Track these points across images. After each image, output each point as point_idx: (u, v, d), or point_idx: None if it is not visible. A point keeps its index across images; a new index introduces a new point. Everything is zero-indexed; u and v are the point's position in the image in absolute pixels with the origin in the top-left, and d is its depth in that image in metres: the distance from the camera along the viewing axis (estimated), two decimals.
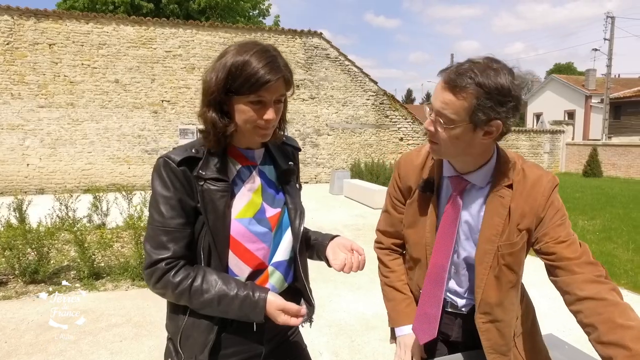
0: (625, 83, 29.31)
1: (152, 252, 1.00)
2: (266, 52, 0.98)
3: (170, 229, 1.00)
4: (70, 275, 4.20)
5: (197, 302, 1.00)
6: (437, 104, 1.02)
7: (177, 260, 1.01)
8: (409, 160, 1.28)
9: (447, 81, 1.00)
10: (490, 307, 1.14)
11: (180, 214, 1.01)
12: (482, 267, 1.12)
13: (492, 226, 1.10)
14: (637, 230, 6.36)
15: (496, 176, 1.12)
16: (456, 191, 1.16)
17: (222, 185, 1.02)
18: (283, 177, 1.17)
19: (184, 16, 17.21)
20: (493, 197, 1.11)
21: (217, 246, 1.02)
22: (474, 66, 0.98)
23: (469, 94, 0.97)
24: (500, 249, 1.10)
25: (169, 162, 1.00)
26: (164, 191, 1.00)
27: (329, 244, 1.20)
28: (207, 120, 1.01)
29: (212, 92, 0.98)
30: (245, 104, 0.99)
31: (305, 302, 1.22)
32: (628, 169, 15.22)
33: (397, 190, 1.30)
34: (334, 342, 3.02)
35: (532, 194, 1.08)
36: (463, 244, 1.18)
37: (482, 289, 1.14)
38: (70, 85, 10.84)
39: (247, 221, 1.05)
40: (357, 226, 6.95)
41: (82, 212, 6.05)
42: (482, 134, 1.02)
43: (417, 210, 1.22)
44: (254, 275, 1.08)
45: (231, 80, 0.96)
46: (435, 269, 1.19)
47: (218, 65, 0.99)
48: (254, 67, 0.95)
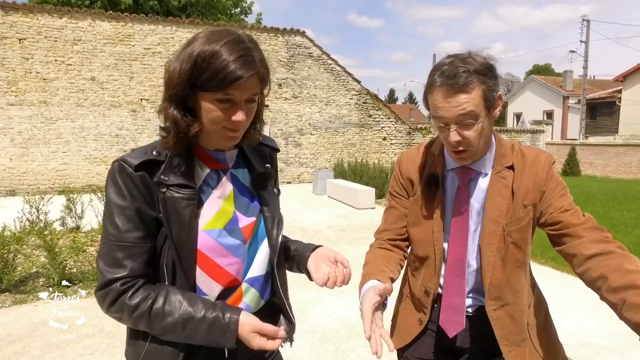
0: (600, 84, 30.08)
1: (105, 270, 0.87)
2: (240, 43, 0.85)
3: (126, 244, 0.87)
4: (38, 282, 3.97)
5: (158, 327, 0.87)
6: (455, 111, 1.01)
7: (135, 279, 0.88)
8: (410, 157, 1.28)
9: (450, 86, 1.00)
10: (500, 290, 1.13)
11: (139, 226, 0.88)
12: (488, 249, 1.12)
13: (495, 207, 1.12)
14: (617, 229, 6.44)
15: (497, 160, 1.15)
16: (463, 182, 1.16)
17: (188, 192, 0.89)
18: (259, 181, 1.04)
19: (163, 13, 16.82)
20: (495, 179, 1.13)
21: (182, 262, 0.90)
22: (453, 64, 1.01)
23: (475, 84, 1.00)
24: (506, 227, 1.11)
25: (124, 167, 0.87)
26: (120, 200, 0.87)
27: (311, 255, 1.09)
28: (168, 118, 0.87)
29: (174, 85, 0.85)
30: (211, 102, 0.86)
31: (284, 320, 1.10)
32: (604, 167, 15.59)
33: (400, 185, 1.28)
34: (318, 349, 2.90)
35: (533, 170, 1.12)
36: (473, 234, 1.17)
37: (490, 272, 1.13)
38: (43, 83, 10.42)
39: (216, 233, 0.93)
40: (341, 227, 6.85)
41: (55, 215, 5.79)
42: (493, 112, 1.07)
43: (423, 206, 1.21)
44: (226, 294, 0.96)
45: (196, 73, 0.83)
46: (455, 261, 1.17)
47: (184, 54, 0.86)
48: (223, 59, 0.82)
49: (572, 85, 28.19)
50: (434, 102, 1.04)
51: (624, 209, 8.04)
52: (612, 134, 22.67)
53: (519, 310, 1.15)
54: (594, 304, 3.72)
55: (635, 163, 14.75)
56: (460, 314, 1.17)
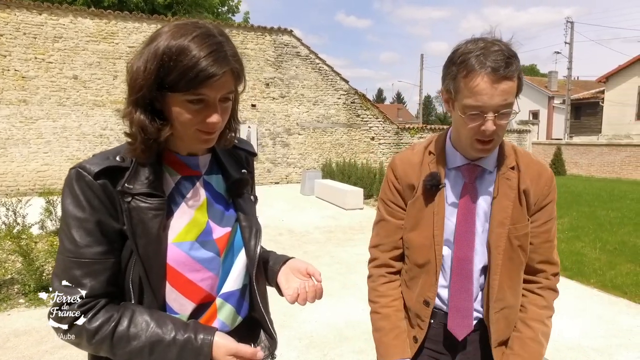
0: (583, 85, 30.61)
1: (59, 292, 0.78)
2: (209, 37, 0.76)
3: (85, 261, 0.78)
4: (13, 290, 3.81)
5: (121, 353, 0.78)
6: (498, 99, 0.95)
7: (96, 299, 0.78)
8: (405, 159, 1.20)
9: (498, 73, 0.94)
10: (504, 292, 1.11)
11: (99, 240, 0.78)
12: (496, 251, 1.10)
13: (503, 209, 1.09)
14: (603, 229, 6.50)
15: (500, 159, 1.12)
16: (470, 179, 1.12)
17: (156, 201, 0.80)
18: (234, 188, 0.95)
19: (149, 10, 16.52)
20: (501, 180, 1.10)
21: (150, 278, 0.81)
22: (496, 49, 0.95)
23: (516, 72, 0.97)
24: (512, 230, 1.09)
25: (83, 175, 0.77)
26: (77, 212, 0.78)
27: (281, 269, 1.01)
28: (134, 123, 0.78)
29: (139, 86, 0.76)
30: (181, 104, 0.77)
31: (265, 335, 1.02)
32: (589, 167, 15.84)
33: (395, 193, 1.19)
34: (305, 356, 2.82)
35: (540, 182, 1.11)
36: (479, 235, 1.13)
37: (498, 274, 1.10)
38: (22, 81, 10.12)
39: (188, 245, 0.84)
40: (329, 228, 6.78)
41: (34, 218, 5.59)
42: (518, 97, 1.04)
43: (423, 208, 1.14)
44: (198, 312, 0.87)
45: (163, 73, 0.74)
46: (462, 263, 1.13)
47: (147, 52, 0.76)
48: (193, 55, 0.73)
49: (557, 85, 28.62)
50: (474, 88, 0.95)
51: (609, 208, 8.13)
52: (595, 133, 23.06)
53: (514, 312, 1.14)
54: (581, 306, 3.71)
55: (618, 162, 15.01)
56: (469, 316, 1.14)
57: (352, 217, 7.72)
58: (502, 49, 0.95)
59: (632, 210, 7.94)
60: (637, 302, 3.77)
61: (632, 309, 3.66)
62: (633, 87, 20.37)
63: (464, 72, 0.97)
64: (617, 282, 4.28)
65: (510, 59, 0.94)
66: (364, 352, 2.85)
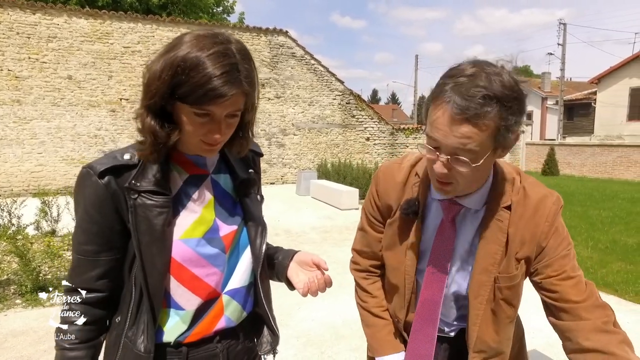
0: (576, 86, 30.90)
1: (67, 278, 0.87)
2: (226, 57, 0.77)
3: (81, 257, 0.85)
4: (10, 290, 3.80)
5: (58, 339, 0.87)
6: (453, 140, 0.81)
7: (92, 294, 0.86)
8: (389, 174, 1.09)
9: (459, 112, 0.78)
10: (487, 344, 1.00)
11: (94, 239, 0.84)
12: (477, 301, 0.98)
13: (488, 254, 0.95)
14: (594, 228, 6.59)
15: (493, 197, 0.96)
16: (448, 217, 0.99)
17: (161, 199, 0.83)
18: (242, 188, 0.98)
19: (143, 10, 16.45)
20: (489, 221, 0.95)
21: (150, 275, 0.83)
22: (474, 81, 0.79)
23: (491, 119, 0.79)
24: (497, 280, 0.95)
25: (90, 174, 0.81)
26: (80, 209, 0.83)
27: (290, 264, 1.04)
28: (145, 128, 0.80)
29: (153, 93, 0.78)
30: (188, 115, 0.80)
31: (268, 331, 1.05)
32: (581, 167, 16.01)
33: (375, 208, 1.12)
34: (303, 354, 2.85)
35: (535, 218, 0.94)
36: (454, 276, 1.02)
37: (477, 326, 0.99)
38: (15, 81, 10.06)
39: (194, 242, 0.87)
40: (325, 228, 6.81)
41: (29, 219, 5.58)
42: (501, 152, 0.87)
43: (397, 234, 1.05)
44: (205, 307, 0.90)
45: (175, 84, 0.76)
46: (427, 305, 1.03)
47: (166, 58, 0.78)
48: (205, 73, 0.74)
49: (550, 86, 28.88)
50: (433, 118, 0.84)
51: (601, 208, 8.24)
52: (588, 134, 23.29)
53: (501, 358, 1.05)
54: None
55: (610, 163, 15.18)
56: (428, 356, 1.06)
57: (347, 217, 7.76)
58: (487, 86, 0.78)
59: (623, 210, 8.06)
60: (627, 299, 3.84)
61: (622, 305, 3.73)
62: (624, 88, 20.61)
63: (433, 99, 0.85)
64: (608, 280, 4.36)
65: (489, 102, 0.78)
66: (360, 349, 2.89)
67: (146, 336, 0.84)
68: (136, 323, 0.85)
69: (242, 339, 0.99)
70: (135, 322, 0.85)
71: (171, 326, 0.87)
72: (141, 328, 0.84)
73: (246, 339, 1.01)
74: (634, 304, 3.76)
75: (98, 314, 0.88)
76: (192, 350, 0.90)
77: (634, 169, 14.46)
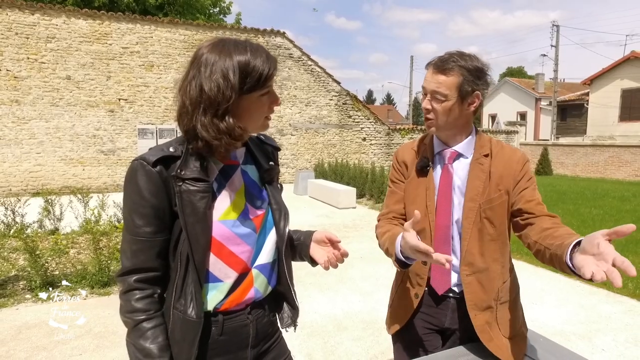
0: (569, 87, 31.24)
1: (123, 260, 0.97)
2: (255, 46, 0.98)
3: (141, 239, 0.96)
4: (19, 285, 3.90)
5: (132, 338, 0.96)
6: (432, 85, 1.26)
7: (147, 272, 0.97)
8: (405, 146, 1.51)
9: (437, 66, 1.25)
10: (473, 256, 1.30)
11: (152, 221, 0.96)
12: (467, 221, 1.31)
13: (474, 187, 1.31)
14: (586, 225, 6.77)
15: (477, 148, 1.35)
16: (448, 161, 1.35)
17: (203, 185, 0.96)
18: (266, 176, 1.13)
19: (140, 11, 16.50)
20: (474, 164, 1.33)
21: (197, 251, 0.96)
22: (454, 55, 1.26)
23: (456, 72, 1.23)
24: (481, 205, 1.29)
25: (143, 164, 0.94)
26: (136, 196, 0.94)
27: (311, 244, 1.20)
28: (221, 131, 0.93)
29: (227, 98, 0.92)
30: (257, 100, 0.98)
31: (289, 306, 1.18)
32: (574, 167, 16.24)
33: (398, 172, 1.48)
34: (307, 344, 2.98)
35: (510, 162, 1.32)
36: (456, 207, 1.34)
37: (467, 241, 1.30)
38: (14, 81, 10.11)
39: (231, 223, 1.00)
40: (323, 226, 6.94)
41: (31, 217, 5.65)
42: (467, 105, 1.27)
43: (417, 186, 1.39)
44: (239, 280, 1.03)
45: (242, 81, 0.93)
46: (441, 229, 1.34)
47: (217, 71, 0.92)
48: (258, 62, 0.94)
49: (544, 87, 29.19)
50: (425, 75, 1.30)
51: (592, 206, 8.44)
52: (581, 134, 23.59)
53: (488, 279, 1.30)
54: (565, 295, 3.93)
55: (601, 163, 15.43)
56: (447, 273, 1.34)
57: (345, 215, 7.90)
58: (454, 54, 1.25)
59: (614, 208, 8.27)
60: (615, 292, 4.01)
61: (610, 297, 3.90)
62: (616, 89, 20.92)
63: (427, 65, 1.30)
64: None
65: (453, 60, 1.23)
66: (361, 339, 3.03)
67: (195, 304, 0.96)
68: (183, 295, 0.97)
69: (268, 311, 1.12)
70: (182, 294, 0.97)
71: (210, 297, 1.00)
72: (189, 299, 0.96)
73: (270, 313, 1.14)
74: (621, 295, 3.92)
75: (158, 290, 1.00)
76: (227, 320, 1.03)
77: (625, 168, 14.71)
